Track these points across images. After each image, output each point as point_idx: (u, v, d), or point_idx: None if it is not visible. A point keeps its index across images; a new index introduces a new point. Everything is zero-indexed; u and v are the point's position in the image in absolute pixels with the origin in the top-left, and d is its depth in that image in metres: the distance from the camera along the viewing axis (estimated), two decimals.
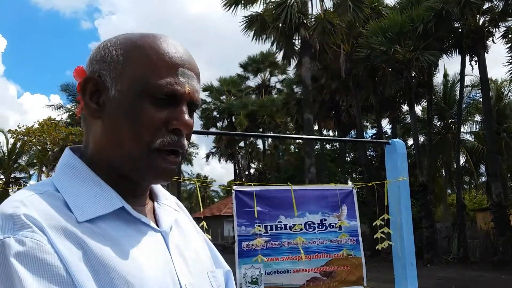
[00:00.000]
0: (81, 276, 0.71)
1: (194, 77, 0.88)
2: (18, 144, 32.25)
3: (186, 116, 0.85)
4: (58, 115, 33.45)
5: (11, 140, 32.59)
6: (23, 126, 28.04)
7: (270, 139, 37.61)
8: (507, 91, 28.37)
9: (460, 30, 20.14)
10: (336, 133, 29.84)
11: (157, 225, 0.90)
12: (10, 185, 31.39)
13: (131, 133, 0.83)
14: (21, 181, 33.30)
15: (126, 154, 0.84)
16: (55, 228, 0.74)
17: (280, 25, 20.09)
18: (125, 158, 0.84)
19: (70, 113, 31.71)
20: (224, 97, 38.88)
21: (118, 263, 0.75)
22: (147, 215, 0.90)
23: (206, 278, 0.94)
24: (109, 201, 0.83)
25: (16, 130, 30.64)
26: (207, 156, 42.94)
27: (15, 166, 33.00)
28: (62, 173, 0.86)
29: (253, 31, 22.21)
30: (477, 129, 29.95)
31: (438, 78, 27.19)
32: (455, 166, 25.09)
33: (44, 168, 29.52)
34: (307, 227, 4.34)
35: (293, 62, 22.73)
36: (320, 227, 4.39)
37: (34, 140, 29.15)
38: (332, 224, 4.46)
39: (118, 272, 0.74)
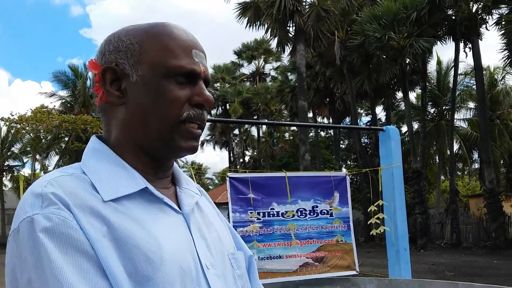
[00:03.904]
0: (104, 251, 0.76)
1: (204, 57, 0.97)
2: (11, 132, 32.10)
3: (207, 92, 0.94)
4: (51, 102, 33.32)
5: (4, 128, 32.42)
6: (16, 114, 27.84)
7: (264, 127, 37.63)
8: (501, 78, 28.45)
9: (453, 17, 20.12)
10: (331, 120, 29.86)
11: (179, 207, 0.94)
12: (4, 173, 31.34)
13: (160, 112, 0.89)
14: (14, 169, 33.20)
15: (155, 131, 0.90)
16: (80, 206, 0.79)
17: (274, 12, 19.99)
18: (154, 136, 0.90)
19: (63, 101, 31.56)
20: (218, 84, 38.78)
21: (140, 240, 0.79)
22: (169, 197, 0.93)
23: (227, 259, 0.98)
24: (134, 182, 0.88)
25: (9, 117, 30.48)
26: (202, 144, 42.90)
27: (8, 154, 32.86)
28: (88, 157, 0.91)
29: (247, 18, 22.10)
30: (471, 115, 30.04)
31: (432, 65, 27.23)
32: (448, 152, 25.20)
33: (37, 156, 29.41)
34: (299, 214, 4.38)
35: (288, 49, 22.66)
36: (312, 213, 4.43)
37: (27, 127, 29.01)
38: (323, 210, 4.50)
39: (139, 249, 0.79)
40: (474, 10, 19.23)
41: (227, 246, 1.01)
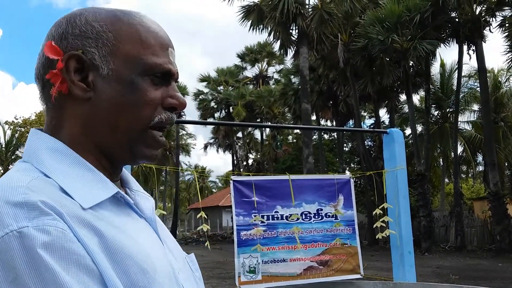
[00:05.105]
0: (105, 265, 0.68)
1: (175, 56, 0.89)
2: (16, 135, 32.23)
3: (181, 95, 0.87)
4: None
5: (9, 132, 32.58)
6: (20, 118, 28.02)
7: (268, 130, 37.63)
8: (505, 80, 28.40)
9: (457, 19, 20.10)
10: (334, 123, 29.82)
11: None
12: None
13: (132, 113, 0.81)
14: None
15: (124, 134, 0.82)
16: (70, 215, 0.69)
17: (277, 15, 20.02)
18: (123, 138, 0.82)
19: None
20: (221, 87, 38.84)
21: (132, 250, 0.73)
22: None
23: (186, 263, 0.94)
24: (105, 186, 0.79)
25: (13, 121, 30.60)
26: (205, 147, 42.95)
27: (12, 157, 32.99)
28: (46, 157, 0.78)
29: (250, 21, 22.15)
30: (475, 118, 30.00)
31: (435, 68, 27.26)
32: (452, 155, 25.16)
33: None
34: (304, 217, 4.36)
35: (291, 52, 22.70)
36: (316, 216, 4.42)
37: None
38: (328, 213, 4.48)
39: (133, 259, 0.72)
40: (477, 12, 19.21)
41: (181, 250, 0.97)
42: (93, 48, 0.80)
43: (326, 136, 36.54)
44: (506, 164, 29.83)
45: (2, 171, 31.97)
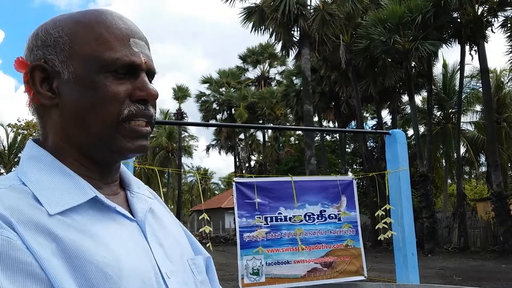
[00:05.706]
0: (56, 272, 0.68)
1: (145, 46, 0.88)
2: (18, 138, 32.29)
3: (150, 85, 0.85)
4: None
5: (11, 134, 32.62)
6: (22, 120, 28.05)
7: (270, 131, 37.61)
8: (507, 80, 28.34)
9: (459, 20, 20.07)
10: (336, 124, 29.79)
11: (132, 214, 0.87)
12: None
13: (97, 112, 0.81)
14: None
15: (95, 133, 0.82)
16: (24, 223, 0.70)
17: (279, 16, 20.01)
18: (95, 138, 0.82)
19: None
20: (223, 89, 38.86)
21: (94, 255, 0.72)
22: (120, 204, 0.86)
23: (187, 265, 0.92)
24: (81, 191, 0.79)
25: (16, 124, 30.64)
26: (207, 149, 42.97)
27: (15, 160, 33.07)
28: (27, 166, 0.81)
29: (252, 23, 22.14)
30: (477, 119, 29.93)
31: (437, 68, 27.17)
32: (455, 156, 25.08)
33: None
34: (307, 218, 4.35)
35: (292, 54, 22.68)
36: (320, 218, 4.41)
37: (34, 134, 29.16)
38: (331, 215, 4.47)
39: (94, 265, 0.71)
40: (479, 13, 19.18)
41: (186, 251, 0.95)
42: (53, 55, 0.83)
43: (328, 137, 36.51)
44: (509, 165, 29.79)
45: (5, 173, 32.03)
